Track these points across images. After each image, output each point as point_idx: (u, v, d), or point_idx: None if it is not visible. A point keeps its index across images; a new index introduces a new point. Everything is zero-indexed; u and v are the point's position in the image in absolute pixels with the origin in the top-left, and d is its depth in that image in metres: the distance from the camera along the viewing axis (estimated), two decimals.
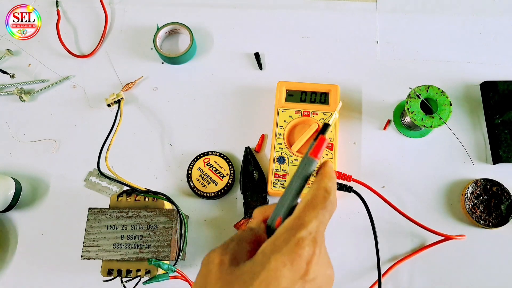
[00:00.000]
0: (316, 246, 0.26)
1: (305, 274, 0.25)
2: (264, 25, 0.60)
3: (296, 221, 0.26)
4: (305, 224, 0.26)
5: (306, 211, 0.26)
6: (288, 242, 0.25)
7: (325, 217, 0.27)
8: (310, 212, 0.26)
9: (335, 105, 0.52)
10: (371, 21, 0.60)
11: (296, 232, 0.25)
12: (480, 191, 0.50)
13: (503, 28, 0.59)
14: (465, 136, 0.53)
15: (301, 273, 0.25)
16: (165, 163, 0.54)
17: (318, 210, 0.26)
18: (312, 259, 0.25)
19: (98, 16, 0.62)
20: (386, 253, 0.49)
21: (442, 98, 0.48)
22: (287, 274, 0.24)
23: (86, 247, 0.43)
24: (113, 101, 0.55)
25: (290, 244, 0.25)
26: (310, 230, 0.26)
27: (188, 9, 0.62)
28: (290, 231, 0.26)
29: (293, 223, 0.26)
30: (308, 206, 0.27)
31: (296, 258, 0.25)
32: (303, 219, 0.26)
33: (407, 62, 0.57)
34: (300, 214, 0.26)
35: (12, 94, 0.57)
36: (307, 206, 0.27)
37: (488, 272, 0.48)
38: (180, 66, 0.59)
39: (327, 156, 0.50)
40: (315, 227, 0.26)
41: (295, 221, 0.26)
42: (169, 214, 0.43)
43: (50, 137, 0.55)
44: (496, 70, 0.56)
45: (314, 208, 0.27)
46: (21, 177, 0.53)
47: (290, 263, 0.24)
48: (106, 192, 0.52)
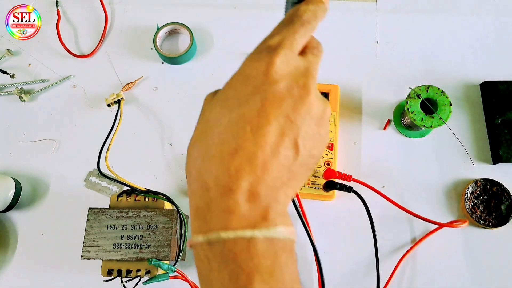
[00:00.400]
0: (282, 48, 0.26)
1: (266, 71, 0.25)
2: (264, 25, 0.60)
3: (268, 35, 0.28)
4: (272, 33, 0.28)
5: (278, 25, 0.29)
6: (256, 50, 0.27)
7: (296, 26, 0.28)
8: (281, 25, 0.29)
9: (336, 105, 0.52)
10: (371, 21, 0.60)
11: (264, 41, 0.27)
12: (480, 191, 0.50)
13: (503, 28, 0.59)
14: (465, 136, 0.53)
15: (263, 69, 0.25)
16: (165, 163, 0.54)
17: (290, 22, 0.28)
18: (274, 60, 0.25)
19: (98, 16, 0.62)
20: (387, 252, 0.49)
21: (442, 98, 0.48)
22: (252, 73, 0.26)
23: (86, 247, 0.43)
24: (113, 101, 0.55)
25: (256, 49, 0.27)
26: (279, 37, 0.27)
27: (188, 9, 0.62)
28: (261, 42, 0.28)
29: (266, 37, 0.28)
30: (282, 21, 0.29)
31: (261, 58, 0.26)
32: (273, 31, 0.28)
33: (407, 62, 0.57)
34: (273, 29, 0.28)
35: (12, 94, 0.57)
36: (281, 22, 0.29)
37: (488, 272, 0.48)
38: (180, 66, 0.59)
39: (327, 156, 0.50)
40: (285, 34, 0.27)
41: (267, 35, 0.28)
42: (169, 214, 0.43)
43: (50, 137, 0.55)
44: (496, 70, 0.56)
45: (286, 22, 0.29)
46: (21, 177, 0.53)
47: (256, 61, 0.26)
48: (106, 192, 0.52)
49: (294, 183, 0.27)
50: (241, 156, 0.25)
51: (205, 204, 0.25)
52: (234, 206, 0.24)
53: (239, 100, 0.26)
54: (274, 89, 0.25)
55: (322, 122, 0.27)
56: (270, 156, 0.25)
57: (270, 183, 0.25)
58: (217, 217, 0.25)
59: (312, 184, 0.49)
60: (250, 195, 0.24)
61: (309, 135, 0.26)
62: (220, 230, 0.24)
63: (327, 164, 0.49)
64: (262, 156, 0.25)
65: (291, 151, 0.25)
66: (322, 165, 0.49)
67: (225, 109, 0.26)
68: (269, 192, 0.25)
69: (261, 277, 0.24)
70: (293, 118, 0.25)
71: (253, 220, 0.24)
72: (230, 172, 0.24)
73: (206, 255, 0.25)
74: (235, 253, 0.24)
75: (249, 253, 0.24)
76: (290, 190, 0.26)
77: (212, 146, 0.25)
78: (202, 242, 0.25)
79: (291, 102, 0.25)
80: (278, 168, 0.25)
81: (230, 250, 0.24)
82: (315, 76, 0.27)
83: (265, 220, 0.25)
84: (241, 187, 0.24)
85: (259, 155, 0.25)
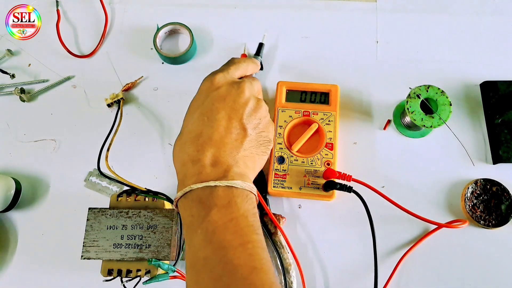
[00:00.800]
0: (220, 71, 0.42)
1: (210, 84, 0.40)
2: (264, 25, 0.60)
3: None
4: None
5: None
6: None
7: (229, 64, 0.44)
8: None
9: (336, 105, 0.52)
10: (371, 21, 0.60)
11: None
12: (480, 191, 0.50)
13: (503, 28, 0.59)
14: (465, 136, 0.53)
15: (209, 84, 0.40)
16: (165, 163, 0.54)
17: (227, 63, 0.45)
18: (215, 76, 0.41)
19: (98, 16, 0.62)
20: (387, 252, 0.49)
21: (442, 98, 0.48)
22: (203, 88, 0.41)
23: (86, 247, 0.43)
24: (113, 101, 0.55)
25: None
26: (219, 69, 0.43)
27: (188, 9, 0.62)
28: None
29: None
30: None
31: (207, 79, 0.41)
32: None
33: (407, 62, 0.57)
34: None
35: (12, 94, 0.57)
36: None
37: (488, 272, 0.48)
38: (180, 66, 0.59)
39: (327, 156, 0.50)
40: (222, 67, 0.44)
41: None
42: (169, 214, 0.43)
43: (50, 137, 0.55)
44: (496, 70, 0.56)
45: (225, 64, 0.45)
46: (21, 177, 0.53)
47: (205, 81, 0.41)
48: (106, 192, 0.52)
49: (252, 155, 0.39)
50: (203, 136, 0.37)
51: (183, 175, 0.37)
52: (201, 169, 0.36)
53: (198, 105, 0.40)
54: (218, 91, 0.39)
55: (258, 109, 0.40)
56: (224, 134, 0.37)
57: (228, 152, 0.37)
58: (190, 178, 0.36)
59: (312, 184, 0.49)
60: (213, 161, 0.36)
61: (251, 118, 0.39)
62: (191, 185, 0.35)
63: (327, 164, 0.49)
64: (218, 135, 0.37)
65: (239, 130, 0.38)
66: (322, 165, 0.49)
67: (190, 114, 0.40)
68: (228, 159, 0.36)
69: (218, 209, 0.34)
70: (235, 106, 0.38)
71: (216, 176, 0.35)
72: (197, 148, 0.36)
73: (184, 205, 0.36)
74: (201, 196, 0.34)
75: (211, 195, 0.34)
76: (248, 160, 0.38)
77: (185, 137, 0.38)
78: (180, 196, 0.36)
79: (232, 97, 0.39)
80: (232, 143, 0.37)
81: (198, 195, 0.35)
82: (247, 85, 0.40)
83: (225, 177, 0.35)
84: (206, 156, 0.36)
85: (215, 134, 0.37)
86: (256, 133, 0.39)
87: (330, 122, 0.51)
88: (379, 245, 0.47)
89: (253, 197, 0.37)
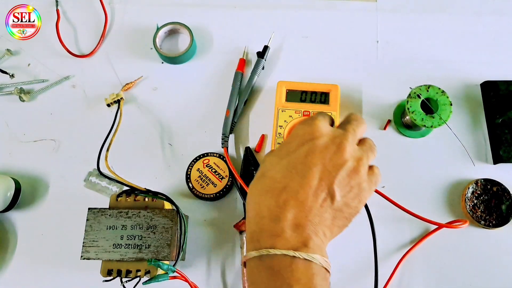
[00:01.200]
0: (319, 115, 0.36)
1: (310, 130, 0.34)
2: (264, 25, 0.60)
3: None
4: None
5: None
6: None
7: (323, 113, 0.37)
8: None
9: (336, 105, 0.52)
10: (371, 21, 0.60)
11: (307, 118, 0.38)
12: (480, 191, 0.50)
13: (503, 28, 0.59)
14: (465, 136, 0.53)
15: (308, 129, 0.35)
16: (165, 163, 0.53)
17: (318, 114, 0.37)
18: (316, 122, 0.35)
19: (98, 16, 0.62)
20: (387, 252, 0.49)
21: (443, 98, 0.48)
22: (299, 132, 0.35)
23: (85, 247, 0.43)
24: (113, 101, 0.55)
25: (302, 122, 0.37)
26: (316, 114, 0.37)
27: (188, 9, 0.62)
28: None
29: None
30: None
31: (306, 123, 0.36)
32: None
33: (407, 62, 0.57)
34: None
35: (12, 94, 0.57)
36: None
37: (489, 272, 0.48)
38: (180, 66, 0.59)
39: None
40: (319, 113, 0.37)
41: None
42: (169, 214, 0.43)
43: (50, 137, 0.55)
44: (496, 70, 0.56)
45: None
46: (21, 177, 0.53)
47: (303, 125, 0.36)
48: (106, 192, 0.52)
49: (332, 226, 0.33)
50: (288, 192, 0.32)
51: (259, 229, 0.32)
52: (281, 231, 0.31)
53: (289, 151, 0.34)
54: (316, 143, 0.33)
55: (354, 175, 0.33)
56: (310, 196, 0.32)
57: (311, 218, 0.31)
58: (267, 238, 0.31)
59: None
60: (294, 224, 0.31)
61: (342, 184, 0.33)
62: (269, 248, 0.31)
63: None
64: (304, 194, 0.32)
65: (327, 196, 0.32)
66: None
67: (278, 157, 0.34)
68: (309, 225, 0.31)
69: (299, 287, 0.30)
70: (329, 167, 0.32)
71: (295, 244, 0.31)
72: (279, 203, 0.32)
73: (258, 267, 0.32)
74: (280, 267, 0.30)
75: (291, 268, 0.30)
76: (327, 230, 0.33)
77: (266, 184, 0.33)
78: (255, 256, 0.31)
79: (328, 155, 0.33)
80: (317, 208, 0.32)
81: (276, 264, 0.31)
82: (349, 139, 0.34)
83: (305, 247, 0.31)
84: (287, 217, 0.31)
85: (302, 193, 0.32)
86: (343, 201, 0.33)
87: None
88: (379, 245, 0.47)
89: (329, 277, 0.33)
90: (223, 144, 0.52)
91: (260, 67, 0.56)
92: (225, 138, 0.53)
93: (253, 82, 0.56)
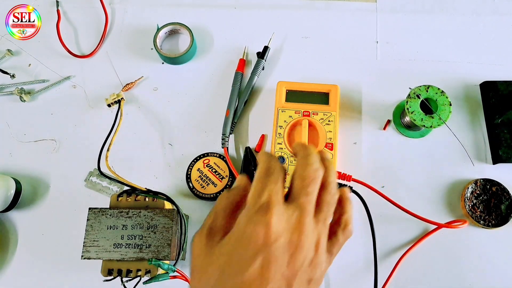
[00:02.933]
0: (273, 205, 0.27)
1: (265, 233, 0.26)
2: (264, 25, 0.60)
3: (255, 192, 0.28)
4: (257, 189, 0.28)
5: (259, 179, 0.29)
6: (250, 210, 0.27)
7: (275, 177, 0.29)
8: (261, 179, 0.29)
9: (335, 105, 0.52)
10: (371, 21, 0.60)
11: (254, 199, 0.27)
12: (480, 191, 0.50)
13: (503, 28, 0.59)
14: (465, 136, 0.53)
15: (263, 232, 0.26)
16: (165, 163, 0.54)
17: (268, 175, 0.29)
18: (270, 220, 0.26)
19: (98, 16, 0.62)
20: (386, 252, 0.49)
21: (442, 98, 0.48)
22: (252, 236, 0.26)
23: (86, 247, 0.43)
24: (113, 101, 0.55)
25: (250, 210, 0.27)
26: (267, 193, 0.28)
27: (188, 9, 0.62)
28: (251, 200, 0.28)
29: (253, 193, 0.28)
30: (259, 175, 0.29)
31: (258, 220, 0.26)
32: (257, 186, 0.28)
33: (407, 62, 0.58)
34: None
35: (12, 94, 0.57)
36: (258, 176, 0.29)
37: (488, 272, 0.48)
38: (180, 66, 0.59)
39: None
40: (271, 188, 0.28)
41: (254, 192, 0.28)
42: (169, 214, 0.43)
43: (50, 137, 0.55)
44: (496, 70, 0.56)
45: (263, 175, 0.29)
46: (21, 177, 0.53)
47: (254, 224, 0.26)
48: (106, 192, 0.52)
49: None
50: None
51: None
52: None
53: (241, 265, 0.26)
54: (272, 249, 0.26)
55: (315, 260, 0.28)
56: None
57: None
58: None
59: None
60: None
61: (302, 280, 0.27)
62: None
63: None
64: None
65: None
66: None
67: (226, 275, 0.26)
68: None
69: None
70: (287, 274, 0.26)
71: None
72: None
73: None
74: None
75: None
76: None
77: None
78: None
79: (286, 259, 0.26)
80: None
81: None
82: (306, 224, 0.27)
83: None
84: None
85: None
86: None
87: (330, 122, 0.51)
88: (379, 245, 0.47)
89: None
90: (223, 144, 0.52)
91: (260, 67, 0.56)
92: (225, 138, 0.53)
93: (253, 82, 0.56)
